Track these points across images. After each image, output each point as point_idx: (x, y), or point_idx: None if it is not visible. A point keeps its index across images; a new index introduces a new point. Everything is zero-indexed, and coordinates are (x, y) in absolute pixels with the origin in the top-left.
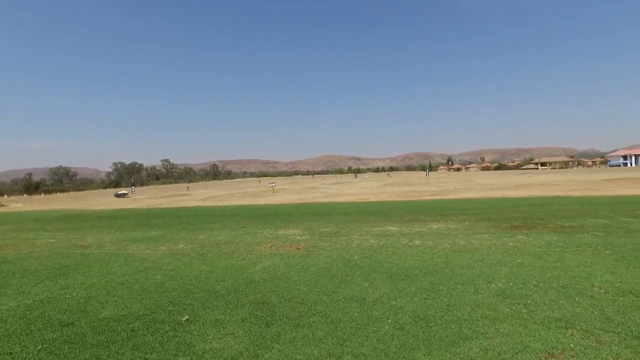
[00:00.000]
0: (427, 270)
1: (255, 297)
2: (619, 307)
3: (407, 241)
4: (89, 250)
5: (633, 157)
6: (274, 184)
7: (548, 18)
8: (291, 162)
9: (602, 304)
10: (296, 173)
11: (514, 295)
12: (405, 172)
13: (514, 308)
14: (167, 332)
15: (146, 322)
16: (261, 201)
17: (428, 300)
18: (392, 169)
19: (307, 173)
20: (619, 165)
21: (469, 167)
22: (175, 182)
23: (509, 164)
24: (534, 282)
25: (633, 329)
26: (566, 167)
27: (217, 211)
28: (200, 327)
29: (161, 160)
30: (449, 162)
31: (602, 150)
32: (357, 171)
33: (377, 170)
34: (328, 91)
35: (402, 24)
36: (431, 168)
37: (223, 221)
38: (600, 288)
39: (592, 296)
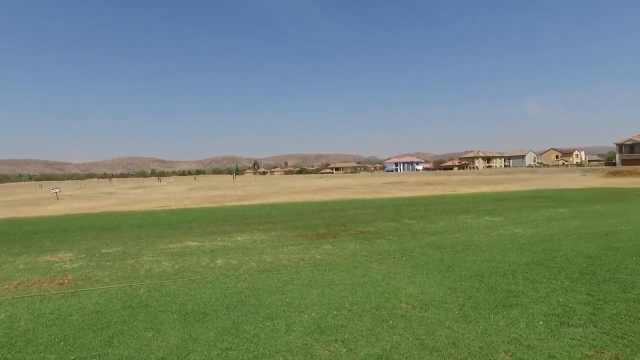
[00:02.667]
0: (230, 302)
1: None
2: (428, 326)
3: (208, 261)
4: None
5: (401, 164)
6: (58, 190)
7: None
8: (84, 164)
9: (413, 326)
10: (91, 176)
11: (329, 329)
12: (213, 176)
13: (331, 348)
14: None
15: None
16: (36, 212)
17: (230, 352)
18: (199, 172)
19: (104, 176)
20: (392, 171)
21: (274, 171)
22: None
23: (309, 168)
24: (348, 306)
25: (444, 352)
26: (355, 172)
27: None
28: None
29: None
30: (255, 166)
31: (381, 158)
32: (162, 174)
33: (183, 173)
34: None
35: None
36: (238, 171)
37: None
38: (407, 304)
39: (403, 316)
